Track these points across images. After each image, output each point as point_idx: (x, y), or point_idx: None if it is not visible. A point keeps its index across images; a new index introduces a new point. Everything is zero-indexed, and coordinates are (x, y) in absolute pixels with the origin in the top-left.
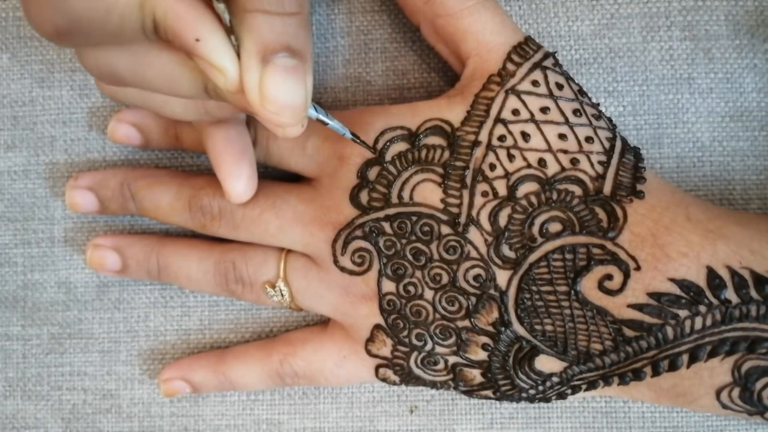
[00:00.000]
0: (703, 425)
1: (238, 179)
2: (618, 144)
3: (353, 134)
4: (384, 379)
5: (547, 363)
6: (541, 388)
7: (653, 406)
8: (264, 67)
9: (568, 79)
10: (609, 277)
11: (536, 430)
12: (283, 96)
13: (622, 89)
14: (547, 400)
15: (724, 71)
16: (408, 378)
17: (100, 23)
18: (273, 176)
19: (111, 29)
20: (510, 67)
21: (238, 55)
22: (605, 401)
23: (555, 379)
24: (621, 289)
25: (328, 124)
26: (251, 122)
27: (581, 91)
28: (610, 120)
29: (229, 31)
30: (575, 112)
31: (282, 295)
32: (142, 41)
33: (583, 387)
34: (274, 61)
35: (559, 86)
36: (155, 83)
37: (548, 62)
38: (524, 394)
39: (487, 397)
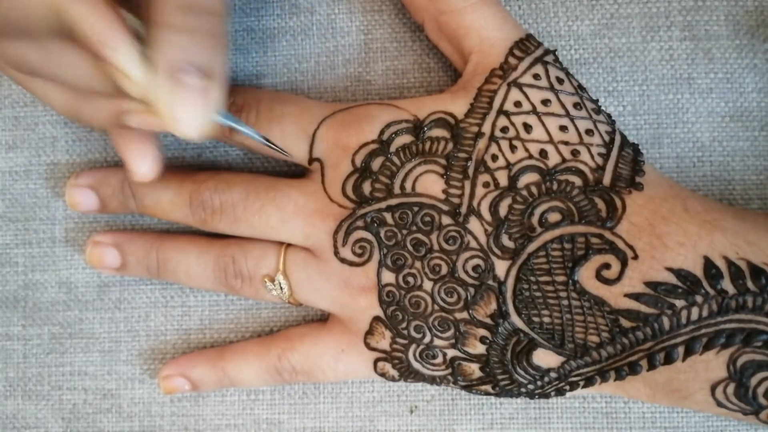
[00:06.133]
0: (703, 425)
1: (144, 159)
2: (617, 138)
3: (266, 139)
4: (383, 374)
5: (544, 358)
6: (539, 383)
7: (654, 406)
8: (170, 83)
9: (568, 74)
10: (606, 266)
11: (536, 430)
12: (185, 114)
13: (622, 89)
14: (547, 395)
15: (724, 71)
16: (407, 372)
17: (3, 18)
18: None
19: (15, 25)
20: (512, 61)
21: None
22: (606, 401)
23: (553, 375)
24: (618, 279)
25: (240, 130)
26: (251, 107)
27: (581, 87)
28: (609, 115)
29: (143, 42)
30: (575, 105)
31: (281, 288)
32: (53, 38)
33: (581, 383)
34: (181, 79)
35: (560, 80)
36: (65, 77)
37: (549, 58)
38: (523, 389)
39: (487, 392)
